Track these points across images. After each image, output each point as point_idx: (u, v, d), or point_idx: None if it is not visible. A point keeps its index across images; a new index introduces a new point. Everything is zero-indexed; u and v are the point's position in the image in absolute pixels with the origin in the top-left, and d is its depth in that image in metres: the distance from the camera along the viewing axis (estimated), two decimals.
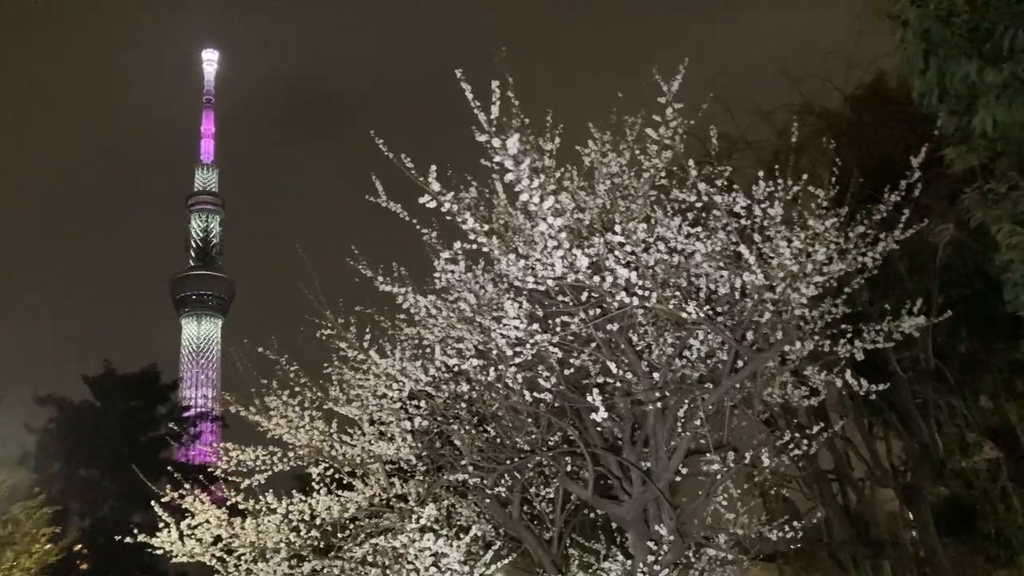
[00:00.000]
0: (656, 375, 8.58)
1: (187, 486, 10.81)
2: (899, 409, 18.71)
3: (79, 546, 28.51)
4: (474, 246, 9.05)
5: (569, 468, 9.92)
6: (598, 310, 8.57)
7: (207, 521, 11.01)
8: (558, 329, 8.63)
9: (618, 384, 8.54)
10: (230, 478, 11.00)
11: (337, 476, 11.44)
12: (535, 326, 8.64)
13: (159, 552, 11.29)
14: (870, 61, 19.01)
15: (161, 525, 10.93)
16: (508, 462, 10.01)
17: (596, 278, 7.74)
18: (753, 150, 19.29)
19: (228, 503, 11.14)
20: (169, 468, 36.25)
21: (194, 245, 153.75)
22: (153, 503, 11.11)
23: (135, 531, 11.20)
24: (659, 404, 8.89)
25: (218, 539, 10.76)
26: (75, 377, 41.48)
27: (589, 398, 7.97)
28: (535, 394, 9.55)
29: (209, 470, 11.03)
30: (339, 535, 11.17)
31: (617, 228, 7.79)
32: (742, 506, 10.90)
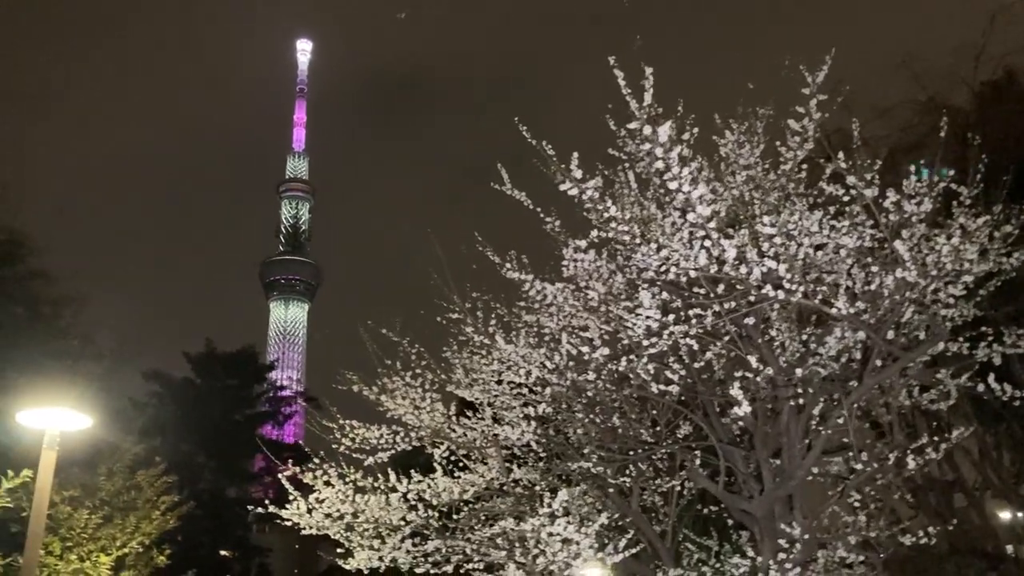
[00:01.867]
0: (799, 371, 8.40)
1: (314, 461, 11.10)
2: (1021, 419, 17.96)
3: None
4: (609, 234, 9.07)
5: (698, 462, 9.83)
6: (732, 303, 8.45)
7: (326, 497, 11.29)
8: (692, 321, 8.53)
9: (757, 378, 8.39)
10: (354, 455, 11.26)
11: (453, 458, 11.59)
12: (670, 317, 8.56)
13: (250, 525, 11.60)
14: (1000, 57, 18.26)
15: (291, 498, 11.26)
16: (631, 453, 9.98)
17: (743, 269, 7.62)
18: (870, 147, 18.70)
19: (348, 480, 11.39)
20: (274, 444, 37.50)
21: (284, 231, 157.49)
22: (280, 476, 11.48)
23: (264, 501, 11.59)
24: (795, 401, 8.74)
25: (342, 515, 11.01)
26: (172, 353, 43.14)
27: (732, 392, 7.85)
28: (661, 386, 9.49)
29: (334, 447, 11.29)
30: (455, 516, 11.34)
31: (766, 219, 7.66)
32: (863, 509, 10.63)
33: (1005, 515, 21.53)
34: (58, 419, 9.45)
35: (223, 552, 41.50)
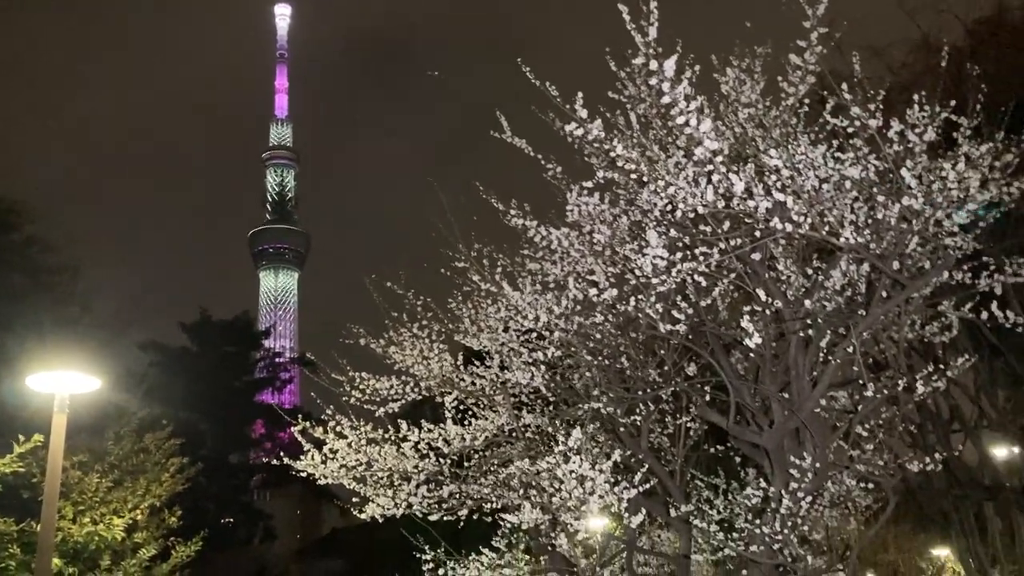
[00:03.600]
0: (807, 303, 8.49)
1: (325, 415, 11.22)
2: (1018, 352, 18.19)
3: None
4: (615, 174, 9.09)
5: (708, 399, 9.96)
6: (738, 240, 8.50)
7: (339, 448, 11.41)
8: (700, 258, 8.58)
9: (766, 312, 8.49)
10: (365, 407, 11.37)
11: (462, 407, 11.71)
12: (677, 255, 8.60)
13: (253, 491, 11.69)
14: None
15: (306, 449, 11.38)
16: (640, 393, 10.09)
17: (750, 203, 7.66)
18: (861, 87, 18.66)
19: (359, 431, 11.50)
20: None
21: (270, 200, 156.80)
22: (295, 431, 11.59)
23: (272, 462, 11.70)
24: (803, 333, 8.84)
25: (356, 465, 11.15)
26: (166, 324, 43.18)
27: (743, 324, 7.94)
28: (668, 326, 9.56)
29: (344, 400, 11.38)
30: (466, 464, 11.48)
31: (772, 152, 7.68)
32: (869, 440, 10.78)
33: (1001, 451, 21.92)
34: (68, 382, 9.47)
35: (227, 519, 41.94)
